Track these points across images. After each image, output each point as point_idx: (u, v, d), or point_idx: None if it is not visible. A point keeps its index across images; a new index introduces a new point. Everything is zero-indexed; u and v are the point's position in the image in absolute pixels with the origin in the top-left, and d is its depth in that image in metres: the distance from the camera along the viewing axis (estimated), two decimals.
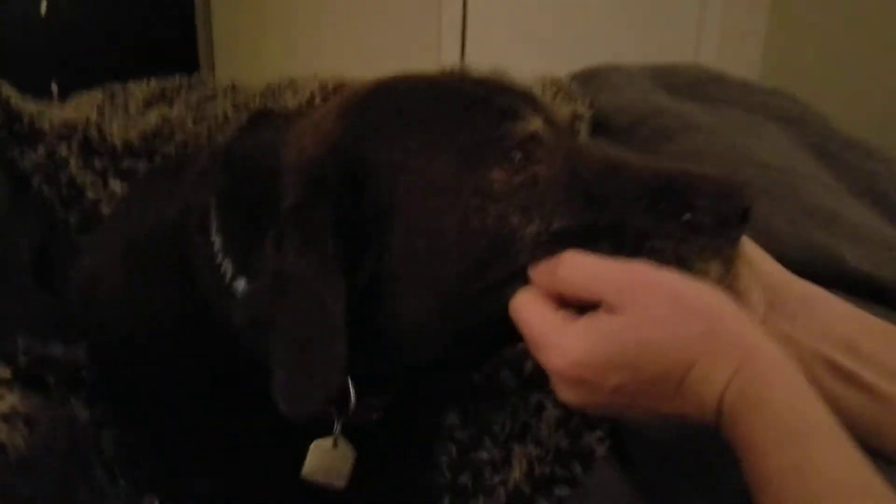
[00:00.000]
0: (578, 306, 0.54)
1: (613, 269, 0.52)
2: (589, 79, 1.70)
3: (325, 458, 0.66)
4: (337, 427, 0.66)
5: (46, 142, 1.05)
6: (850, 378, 0.57)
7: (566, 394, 0.54)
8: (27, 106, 1.09)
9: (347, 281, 0.56)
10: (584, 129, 1.47)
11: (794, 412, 0.47)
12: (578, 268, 0.53)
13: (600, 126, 1.53)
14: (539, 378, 0.88)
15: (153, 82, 1.56)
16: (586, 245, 0.55)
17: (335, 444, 0.66)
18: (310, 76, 1.63)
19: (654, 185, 0.57)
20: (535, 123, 0.60)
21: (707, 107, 1.46)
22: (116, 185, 1.09)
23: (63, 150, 1.06)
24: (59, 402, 0.81)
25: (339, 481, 0.67)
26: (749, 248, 0.61)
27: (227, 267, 0.64)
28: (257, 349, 0.56)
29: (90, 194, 1.06)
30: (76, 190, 1.05)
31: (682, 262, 0.54)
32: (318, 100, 1.45)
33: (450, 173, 0.57)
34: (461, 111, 0.59)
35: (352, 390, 0.63)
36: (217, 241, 0.65)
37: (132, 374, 0.75)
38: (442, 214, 0.56)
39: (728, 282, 0.57)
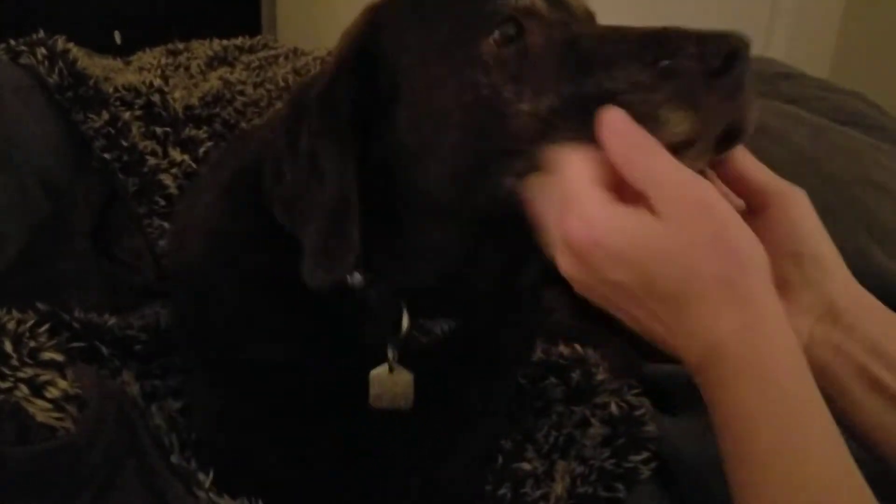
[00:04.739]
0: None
1: (677, 177, 0.49)
2: None
3: (384, 385, 0.68)
4: (391, 353, 0.68)
5: (110, 107, 1.05)
6: (884, 391, 0.56)
7: (568, 265, 0.51)
8: (93, 68, 1.09)
9: (364, 157, 0.61)
10: None
11: (793, 392, 0.46)
12: (644, 159, 0.49)
13: None
14: (585, 391, 0.87)
15: (215, 42, 1.56)
16: (577, 119, 0.52)
17: (391, 370, 0.68)
18: None
19: (642, 40, 0.53)
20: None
21: (778, 107, 1.40)
22: (176, 154, 1.09)
23: (126, 116, 1.06)
24: (110, 374, 0.83)
25: (404, 403, 0.69)
26: (828, 251, 0.58)
27: None
28: (293, 235, 0.62)
29: (151, 161, 1.06)
30: (137, 156, 1.05)
31: (648, 113, 0.50)
32: None
33: (444, 46, 0.59)
34: None
35: (405, 313, 0.66)
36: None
37: (214, 317, 0.75)
38: (439, 85, 0.58)
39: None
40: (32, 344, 0.73)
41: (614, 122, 0.50)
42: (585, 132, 0.51)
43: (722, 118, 0.51)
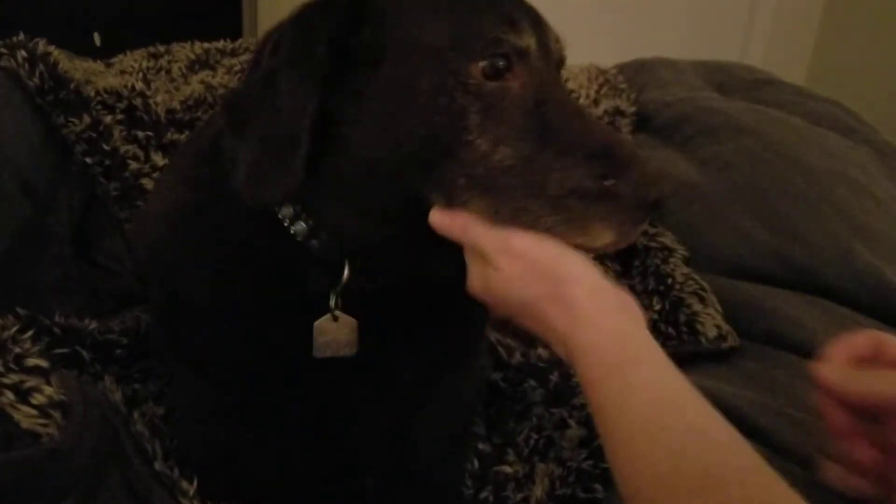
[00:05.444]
0: None
1: (494, 238, 0.61)
2: (637, 72, 1.66)
3: (328, 332, 0.70)
4: (334, 301, 0.69)
5: (91, 110, 1.05)
6: None
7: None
8: (74, 71, 1.08)
9: (322, 100, 0.61)
10: (626, 126, 1.45)
11: (615, 350, 0.55)
12: (471, 233, 0.61)
13: (644, 122, 1.51)
14: (564, 393, 0.89)
15: (196, 45, 1.56)
16: (514, 180, 0.60)
17: (335, 319, 0.69)
18: None
19: (598, 144, 0.60)
20: (528, 42, 0.62)
21: (758, 108, 1.42)
22: (158, 158, 1.09)
23: (108, 120, 1.06)
24: (91, 380, 0.83)
25: (349, 349, 0.71)
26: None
27: None
28: (231, 151, 0.63)
29: (133, 166, 1.06)
30: (119, 161, 1.05)
31: (582, 222, 0.59)
32: None
33: (440, 45, 0.61)
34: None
35: (346, 265, 0.68)
36: None
37: (176, 283, 0.75)
38: (421, 76, 0.60)
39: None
40: (17, 350, 0.73)
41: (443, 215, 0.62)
42: (512, 191, 0.60)
43: (628, 240, 0.61)
